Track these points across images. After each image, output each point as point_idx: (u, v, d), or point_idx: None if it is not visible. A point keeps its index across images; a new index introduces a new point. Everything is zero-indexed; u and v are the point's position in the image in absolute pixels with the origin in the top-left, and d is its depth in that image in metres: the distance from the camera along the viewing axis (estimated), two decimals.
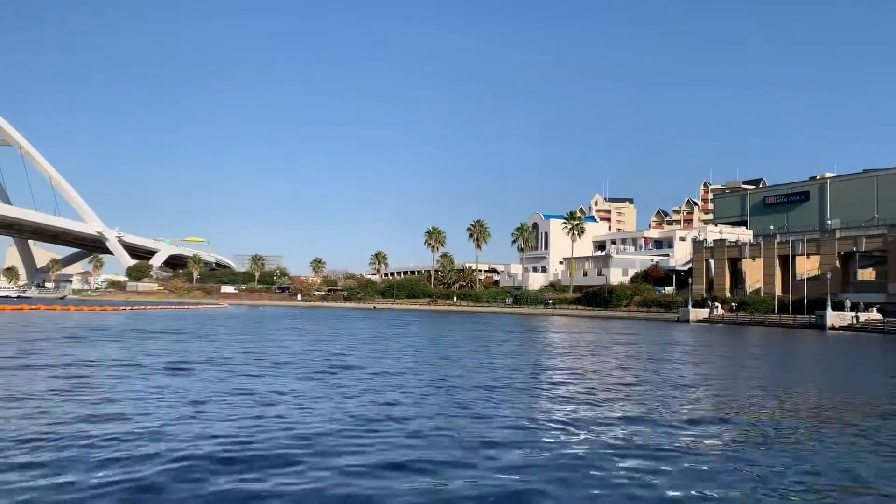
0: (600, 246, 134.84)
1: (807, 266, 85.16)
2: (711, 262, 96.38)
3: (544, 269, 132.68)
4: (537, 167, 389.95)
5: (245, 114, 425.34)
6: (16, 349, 24.32)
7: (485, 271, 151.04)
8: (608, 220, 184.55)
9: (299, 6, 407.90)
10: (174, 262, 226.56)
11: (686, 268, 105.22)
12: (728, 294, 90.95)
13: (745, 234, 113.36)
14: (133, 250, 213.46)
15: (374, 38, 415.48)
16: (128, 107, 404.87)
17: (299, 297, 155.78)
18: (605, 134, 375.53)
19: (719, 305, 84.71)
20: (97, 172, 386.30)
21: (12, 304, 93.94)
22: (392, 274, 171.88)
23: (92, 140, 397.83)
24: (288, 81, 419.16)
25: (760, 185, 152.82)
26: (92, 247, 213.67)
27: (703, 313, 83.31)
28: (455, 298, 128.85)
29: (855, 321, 67.73)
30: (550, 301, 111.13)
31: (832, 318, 67.94)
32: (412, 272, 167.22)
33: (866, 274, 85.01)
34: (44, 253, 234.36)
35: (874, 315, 69.07)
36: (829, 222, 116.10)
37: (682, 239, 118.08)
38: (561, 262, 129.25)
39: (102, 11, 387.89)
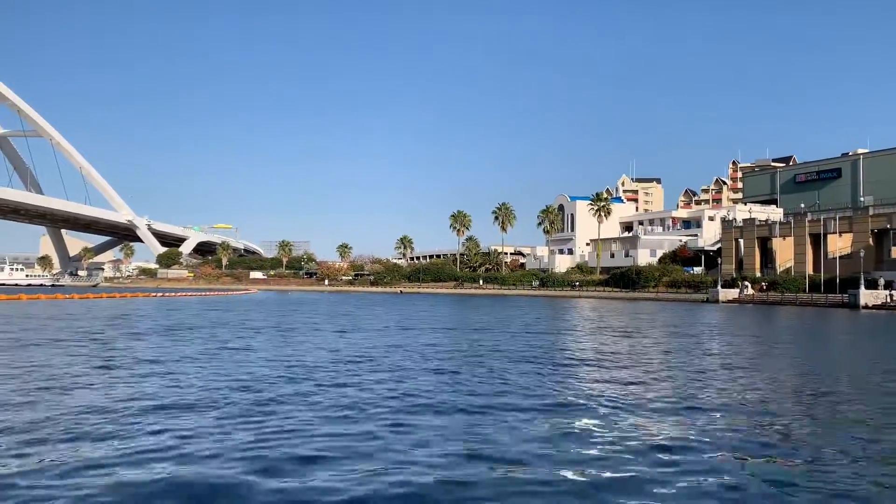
0: (627, 227, 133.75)
1: (839, 244, 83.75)
2: (741, 241, 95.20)
3: (571, 251, 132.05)
4: (563, 148, 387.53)
5: (270, 102, 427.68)
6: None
7: (511, 254, 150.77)
8: (635, 200, 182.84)
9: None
10: (203, 249, 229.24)
11: (715, 248, 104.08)
12: (758, 274, 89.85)
13: (775, 213, 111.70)
14: (163, 238, 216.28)
15: (393, 23, 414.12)
16: (154, 97, 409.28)
17: (326, 282, 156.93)
18: (632, 113, 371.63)
19: (749, 285, 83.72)
20: (126, 162, 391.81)
21: (47, 292, 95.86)
22: (418, 258, 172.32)
23: (119, 131, 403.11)
24: (311, 70, 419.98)
25: (791, 163, 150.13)
26: (123, 235, 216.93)
27: (733, 293, 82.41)
28: (481, 282, 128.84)
29: (889, 300, 66.52)
30: (577, 283, 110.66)
31: (865, 296, 66.80)
32: (438, 256, 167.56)
33: None
34: (76, 242, 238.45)
35: None
36: (861, 199, 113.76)
37: (711, 218, 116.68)
38: (588, 244, 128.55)
39: (132, 3, 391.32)
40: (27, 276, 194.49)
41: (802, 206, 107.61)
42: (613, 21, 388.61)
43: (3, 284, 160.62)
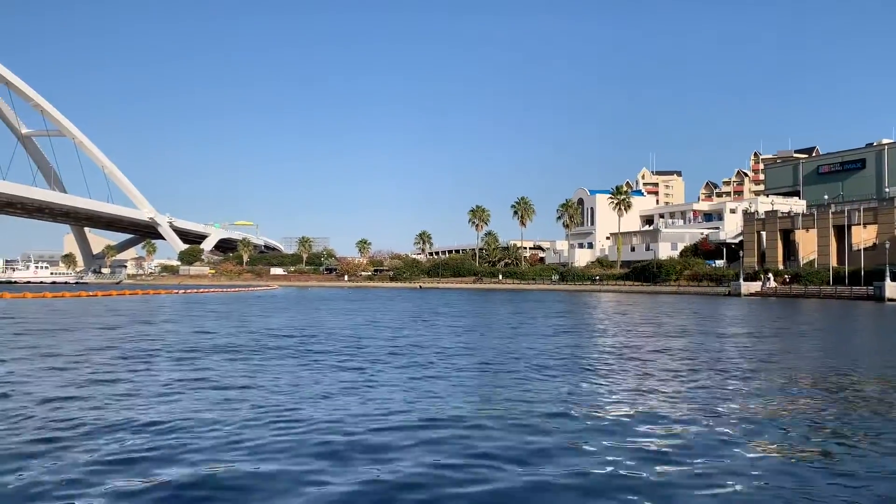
0: (648, 220, 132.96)
1: (863, 236, 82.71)
2: (763, 234, 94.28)
3: (591, 245, 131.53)
4: (582, 142, 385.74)
5: (286, 100, 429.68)
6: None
7: (530, 248, 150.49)
8: (656, 193, 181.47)
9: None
10: (224, 246, 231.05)
11: (737, 240, 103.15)
12: (781, 266, 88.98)
13: (797, 205, 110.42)
14: (184, 235, 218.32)
15: (409, 20, 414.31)
16: (173, 95, 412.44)
17: (346, 277, 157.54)
18: (651, 107, 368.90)
19: (772, 278, 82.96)
20: (147, 160, 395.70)
21: (71, 290, 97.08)
22: (437, 253, 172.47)
23: (138, 129, 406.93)
24: (325, 68, 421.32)
25: (813, 154, 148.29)
26: (145, 232, 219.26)
27: (755, 286, 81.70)
28: (500, 276, 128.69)
29: None
30: (597, 277, 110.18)
31: (891, 288, 65.92)
32: (457, 251, 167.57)
33: None
34: (99, 239, 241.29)
35: None
36: (886, 190, 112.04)
37: (733, 211, 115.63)
38: (608, 238, 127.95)
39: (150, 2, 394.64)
40: (52, 273, 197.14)
41: (826, 197, 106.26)
42: (629, 16, 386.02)
43: (29, 282, 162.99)
